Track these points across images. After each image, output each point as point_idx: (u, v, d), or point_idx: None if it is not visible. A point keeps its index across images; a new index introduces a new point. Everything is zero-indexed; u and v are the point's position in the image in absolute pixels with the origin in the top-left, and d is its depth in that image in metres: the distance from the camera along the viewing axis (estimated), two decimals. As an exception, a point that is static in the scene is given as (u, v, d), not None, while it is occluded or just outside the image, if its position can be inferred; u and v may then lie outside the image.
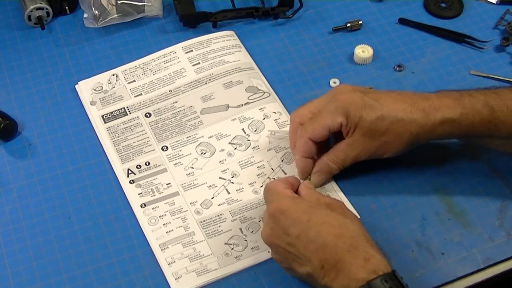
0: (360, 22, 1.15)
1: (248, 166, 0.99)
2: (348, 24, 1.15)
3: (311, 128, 0.91)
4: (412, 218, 0.93)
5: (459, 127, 0.88)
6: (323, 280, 0.79)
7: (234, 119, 1.03)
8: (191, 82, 1.07)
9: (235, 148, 1.00)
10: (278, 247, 0.84)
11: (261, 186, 0.96)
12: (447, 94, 0.90)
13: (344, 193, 0.96)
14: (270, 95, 1.06)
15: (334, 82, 1.08)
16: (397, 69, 1.10)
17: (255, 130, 1.02)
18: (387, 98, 0.89)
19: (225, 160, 0.99)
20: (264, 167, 0.98)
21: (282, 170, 0.98)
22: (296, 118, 0.94)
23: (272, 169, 0.98)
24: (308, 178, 0.95)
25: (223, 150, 1.00)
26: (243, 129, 1.02)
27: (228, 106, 1.04)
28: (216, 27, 1.15)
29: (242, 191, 0.96)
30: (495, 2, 1.18)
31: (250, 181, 0.97)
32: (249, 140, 1.01)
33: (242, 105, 1.04)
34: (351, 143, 0.90)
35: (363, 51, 1.10)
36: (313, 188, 0.91)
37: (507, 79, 1.08)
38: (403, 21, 1.16)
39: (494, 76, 1.08)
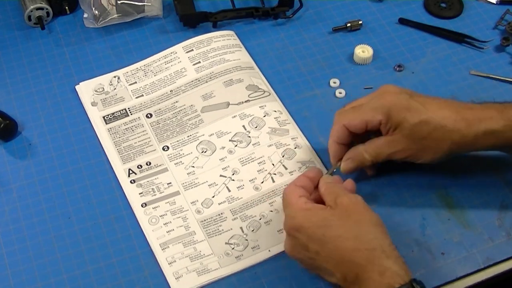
0: (360, 22, 1.15)
1: (248, 163, 0.99)
2: (348, 24, 1.15)
3: (349, 117, 0.91)
4: (412, 218, 0.93)
5: (501, 138, 0.88)
6: None
7: (234, 116, 1.03)
8: (192, 81, 1.07)
9: (236, 145, 1.00)
10: (302, 260, 0.85)
11: (262, 182, 0.97)
12: (491, 106, 0.90)
13: (344, 193, 0.96)
14: (270, 94, 1.06)
15: (334, 82, 1.09)
16: (397, 69, 1.10)
17: (256, 127, 1.02)
18: (433, 103, 0.89)
19: (226, 157, 0.99)
20: (264, 163, 0.98)
21: (283, 165, 0.98)
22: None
23: (273, 164, 0.98)
24: (332, 171, 0.94)
25: (223, 147, 1.00)
26: (243, 126, 1.02)
27: (228, 104, 1.04)
28: (216, 27, 1.15)
29: (243, 188, 0.96)
30: (495, 2, 1.18)
31: (250, 177, 0.97)
32: (249, 137, 1.01)
33: (242, 102, 1.04)
34: (390, 140, 0.90)
35: (363, 51, 1.10)
36: (333, 182, 0.89)
37: (507, 79, 1.08)
38: (403, 21, 1.16)
39: (494, 76, 1.08)
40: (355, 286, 0.79)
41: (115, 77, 1.09)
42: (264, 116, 1.03)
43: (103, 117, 1.05)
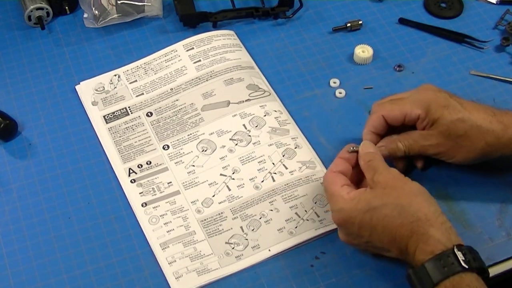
0: (360, 22, 1.15)
1: (249, 162, 0.99)
2: (348, 24, 1.15)
3: (389, 108, 0.93)
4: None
5: None
6: (407, 260, 0.82)
7: (235, 115, 1.03)
8: (192, 80, 1.07)
9: (236, 144, 1.00)
10: (359, 246, 0.88)
11: (262, 181, 0.97)
12: None
13: (344, 193, 0.96)
14: (270, 94, 1.06)
15: (334, 82, 1.09)
16: (397, 69, 1.10)
17: (256, 126, 1.02)
18: (470, 104, 0.91)
19: (226, 156, 0.99)
20: (265, 162, 0.98)
21: (284, 164, 0.98)
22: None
23: (273, 163, 0.98)
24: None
25: (224, 146, 1.00)
26: (244, 125, 1.02)
27: (229, 102, 1.04)
28: (216, 27, 1.15)
29: (243, 187, 0.96)
30: (495, 2, 1.18)
31: (251, 176, 0.97)
32: (250, 136, 1.01)
33: (243, 101, 1.04)
34: (425, 134, 0.91)
35: (363, 51, 1.10)
36: (370, 155, 0.89)
37: (507, 79, 1.08)
38: (403, 21, 1.16)
39: (494, 76, 1.08)
40: (410, 256, 0.81)
41: (115, 75, 1.09)
42: (265, 115, 1.03)
43: (104, 116, 1.05)
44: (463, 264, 0.77)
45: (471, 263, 0.78)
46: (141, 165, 0.99)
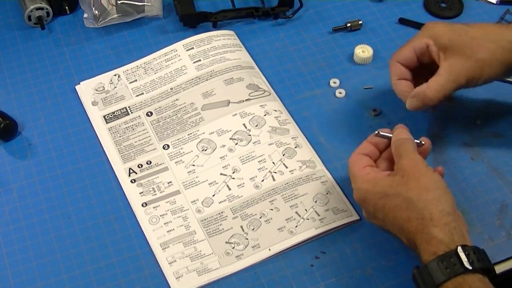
0: (360, 22, 1.15)
1: (249, 161, 0.99)
2: (348, 24, 1.15)
3: (398, 51, 0.96)
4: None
5: None
6: (416, 253, 0.82)
7: (235, 115, 1.03)
8: (192, 79, 1.07)
9: (236, 144, 1.00)
10: (377, 224, 0.89)
11: (262, 181, 0.97)
12: None
13: (344, 193, 0.96)
14: (270, 94, 1.06)
15: (334, 82, 1.09)
16: (397, 69, 1.10)
17: (256, 126, 1.02)
18: (475, 24, 0.94)
19: (226, 156, 0.99)
20: (265, 161, 0.98)
21: (284, 164, 0.98)
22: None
23: (273, 163, 0.98)
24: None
25: (224, 146, 1.00)
26: (244, 124, 1.02)
27: (229, 102, 1.04)
28: (216, 27, 1.15)
29: (243, 186, 0.96)
30: (495, 2, 1.18)
31: (251, 175, 0.97)
32: (250, 135, 1.01)
33: (243, 101, 1.04)
34: (446, 66, 0.92)
35: (363, 51, 1.11)
36: (401, 141, 0.88)
37: (507, 79, 1.08)
38: (403, 21, 1.16)
39: (494, 76, 1.08)
40: (416, 251, 0.82)
41: (115, 75, 1.09)
42: (265, 115, 1.03)
43: (104, 116, 1.05)
44: (466, 265, 0.77)
45: (474, 263, 0.77)
46: (141, 165, 0.99)
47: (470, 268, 0.77)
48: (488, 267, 0.79)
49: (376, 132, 0.90)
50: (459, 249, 0.77)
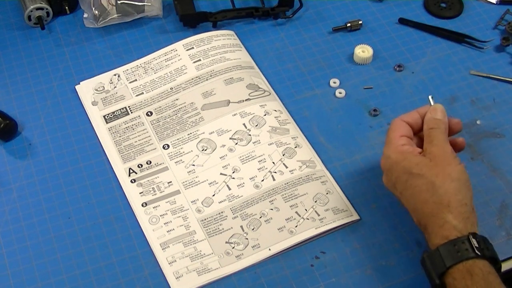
0: (360, 22, 1.15)
1: (249, 161, 0.99)
2: (348, 24, 1.15)
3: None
4: (412, 218, 0.93)
5: None
6: (425, 237, 0.85)
7: (235, 114, 1.03)
8: (192, 79, 1.07)
9: (236, 143, 1.00)
10: (394, 194, 0.89)
11: (262, 180, 0.97)
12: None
13: (344, 193, 0.96)
14: (270, 94, 1.06)
15: (334, 82, 1.09)
16: (397, 69, 1.10)
17: (256, 125, 1.02)
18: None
19: (226, 155, 0.99)
20: (265, 161, 0.98)
21: (284, 163, 0.98)
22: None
23: (273, 163, 0.98)
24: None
25: (224, 145, 1.00)
26: (244, 124, 1.02)
27: (229, 102, 1.04)
28: (216, 27, 1.15)
29: (243, 186, 0.96)
30: (495, 2, 1.18)
31: (251, 175, 0.97)
32: (250, 135, 1.01)
33: (243, 100, 1.04)
34: None
35: (363, 51, 1.10)
36: (434, 123, 0.88)
37: (507, 79, 1.08)
38: (403, 21, 1.16)
39: (494, 76, 1.08)
40: (425, 233, 0.84)
41: (115, 75, 1.09)
42: (265, 115, 1.03)
43: (104, 116, 1.05)
44: (476, 251, 0.78)
45: (484, 251, 0.79)
46: (141, 165, 0.99)
47: (480, 254, 0.78)
48: (495, 258, 0.81)
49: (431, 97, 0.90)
50: (471, 236, 0.79)
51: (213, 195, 0.96)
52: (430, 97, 0.90)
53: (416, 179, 0.84)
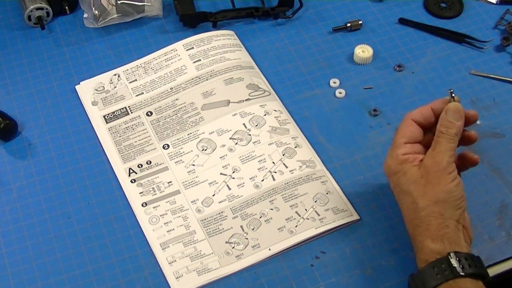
0: (360, 22, 1.15)
1: (249, 161, 0.99)
2: (348, 24, 1.15)
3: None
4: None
5: None
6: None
7: (235, 114, 1.03)
8: (192, 79, 1.07)
9: (236, 143, 1.00)
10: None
11: (262, 180, 0.97)
12: None
13: (344, 193, 0.96)
14: (270, 94, 1.06)
15: (334, 82, 1.09)
16: (397, 69, 1.10)
17: (256, 125, 1.02)
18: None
19: (226, 155, 0.99)
20: (265, 161, 0.98)
21: (284, 163, 0.98)
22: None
23: (273, 162, 0.98)
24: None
25: (224, 145, 1.00)
26: (244, 124, 1.02)
27: (229, 102, 1.04)
28: (216, 27, 1.15)
29: (243, 186, 0.96)
30: (495, 2, 1.18)
31: (251, 175, 0.97)
32: (250, 135, 1.01)
33: (243, 100, 1.04)
34: None
35: (363, 51, 1.10)
36: (448, 125, 0.83)
37: (507, 79, 1.08)
38: (403, 21, 1.16)
39: (494, 76, 1.08)
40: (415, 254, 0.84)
41: (115, 75, 1.09)
42: (265, 114, 1.03)
43: (104, 116, 1.05)
44: (457, 270, 0.78)
45: (465, 269, 0.78)
46: (141, 165, 0.99)
47: (462, 273, 0.78)
48: (482, 273, 0.79)
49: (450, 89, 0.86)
50: (451, 255, 0.79)
51: (213, 195, 0.96)
52: (450, 91, 0.85)
53: (404, 196, 0.84)
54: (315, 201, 0.95)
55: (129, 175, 0.98)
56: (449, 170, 0.82)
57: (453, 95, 0.85)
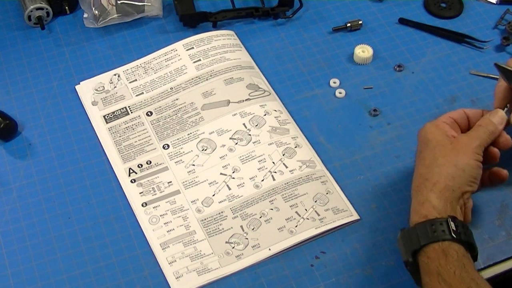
0: (360, 22, 1.15)
1: (249, 161, 0.99)
2: (348, 24, 1.15)
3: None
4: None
5: None
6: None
7: (235, 114, 1.03)
8: (192, 79, 1.07)
9: (236, 143, 1.00)
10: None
11: (262, 180, 0.97)
12: None
13: (344, 193, 0.96)
14: (270, 94, 1.06)
15: (334, 82, 1.09)
16: (397, 69, 1.10)
17: (256, 125, 1.02)
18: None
19: (226, 155, 0.99)
20: (265, 161, 0.98)
21: (284, 163, 0.98)
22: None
23: (273, 162, 0.98)
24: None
25: (224, 145, 1.00)
26: (244, 124, 1.02)
27: (229, 102, 1.04)
28: (216, 27, 1.15)
29: (243, 186, 0.96)
30: (495, 2, 1.18)
31: (251, 175, 0.97)
32: (250, 135, 1.01)
33: (243, 100, 1.04)
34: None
35: (363, 51, 1.10)
36: (487, 122, 0.88)
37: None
38: (403, 21, 1.16)
39: (494, 76, 1.08)
40: (410, 210, 0.85)
41: (115, 75, 1.09)
42: (265, 114, 1.03)
43: (104, 116, 1.05)
44: (453, 234, 0.79)
45: (461, 235, 0.79)
46: (141, 165, 0.99)
47: (456, 237, 0.79)
48: (472, 244, 0.80)
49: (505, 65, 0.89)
50: (450, 219, 0.80)
51: (213, 195, 0.96)
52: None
53: (426, 151, 0.86)
54: (315, 201, 0.95)
55: (129, 175, 0.98)
56: (477, 151, 0.85)
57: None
